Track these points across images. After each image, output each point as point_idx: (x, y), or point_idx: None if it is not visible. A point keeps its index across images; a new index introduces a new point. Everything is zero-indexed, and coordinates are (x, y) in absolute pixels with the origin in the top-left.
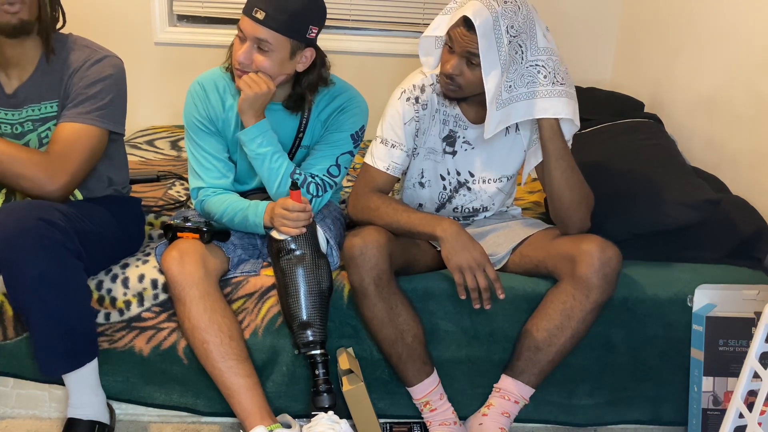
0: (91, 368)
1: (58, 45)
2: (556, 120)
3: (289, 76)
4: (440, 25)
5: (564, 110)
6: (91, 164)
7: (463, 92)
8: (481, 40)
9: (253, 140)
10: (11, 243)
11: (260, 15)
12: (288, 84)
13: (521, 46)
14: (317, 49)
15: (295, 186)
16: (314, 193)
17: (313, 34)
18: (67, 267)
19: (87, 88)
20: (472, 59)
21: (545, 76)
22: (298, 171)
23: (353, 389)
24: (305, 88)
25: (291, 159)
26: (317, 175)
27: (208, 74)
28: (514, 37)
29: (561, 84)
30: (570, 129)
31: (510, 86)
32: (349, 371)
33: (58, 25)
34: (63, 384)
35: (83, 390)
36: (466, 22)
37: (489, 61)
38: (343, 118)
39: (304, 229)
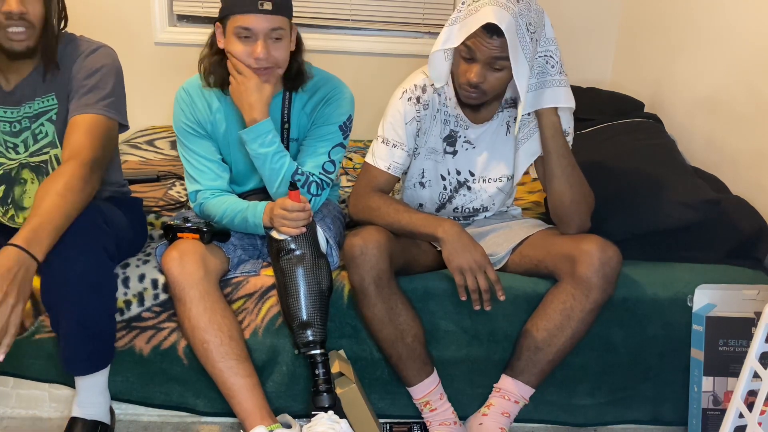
0: (106, 369)
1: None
2: (558, 117)
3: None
4: (450, 37)
5: (570, 100)
6: (109, 152)
7: (486, 97)
8: (510, 44)
9: (255, 140)
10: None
11: (269, 5)
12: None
13: (536, 41)
14: None
15: (293, 186)
16: (314, 193)
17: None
18: (105, 269)
19: (87, 79)
20: (494, 64)
21: (553, 66)
22: (300, 171)
23: (344, 392)
24: (300, 62)
25: None
26: (314, 174)
27: (193, 80)
28: (533, 33)
29: (563, 74)
30: (569, 118)
31: None
32: (340, 374)
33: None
34: (64, 383)
35: (93, 390)
36: (487, 29)
37: (519, 63)
38: (329, 110)
39: (303, 229)
